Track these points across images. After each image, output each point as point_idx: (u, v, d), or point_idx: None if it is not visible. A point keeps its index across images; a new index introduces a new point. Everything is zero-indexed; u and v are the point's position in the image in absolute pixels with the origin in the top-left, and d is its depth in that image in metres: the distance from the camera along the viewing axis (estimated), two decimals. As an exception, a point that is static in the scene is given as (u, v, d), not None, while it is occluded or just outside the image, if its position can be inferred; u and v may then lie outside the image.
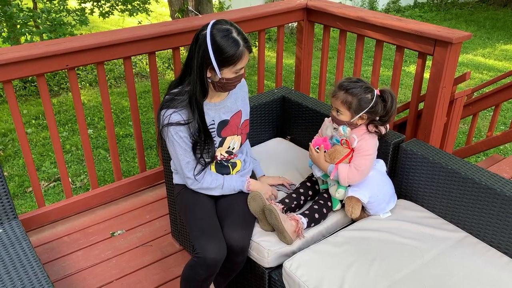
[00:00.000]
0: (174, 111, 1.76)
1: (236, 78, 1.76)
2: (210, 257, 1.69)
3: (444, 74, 2.36)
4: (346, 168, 1.86)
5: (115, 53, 2.39)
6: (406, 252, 1.76)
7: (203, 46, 1.66)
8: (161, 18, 9.55)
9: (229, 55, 1.65)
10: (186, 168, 1.85)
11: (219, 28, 1.66)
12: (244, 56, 1.69)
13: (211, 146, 1.83)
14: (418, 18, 9.64)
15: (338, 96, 1.86)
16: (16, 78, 2.18)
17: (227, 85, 1.77)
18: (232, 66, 1.69)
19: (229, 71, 1.71)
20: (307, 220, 1.84)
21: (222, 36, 1.65)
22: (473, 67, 7.18)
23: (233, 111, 1.92)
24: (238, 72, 1.73)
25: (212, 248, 1.70)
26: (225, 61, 1.67)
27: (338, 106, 1.87)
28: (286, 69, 6.76)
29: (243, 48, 1.67)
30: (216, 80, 1.74)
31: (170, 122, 1.76)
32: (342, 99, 1.85)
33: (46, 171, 4.37)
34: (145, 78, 6.58)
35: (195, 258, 1.74)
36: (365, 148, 1.89)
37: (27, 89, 5.90)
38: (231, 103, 1.91)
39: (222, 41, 1.64)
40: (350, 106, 1.85)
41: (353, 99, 1.84)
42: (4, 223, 1.92)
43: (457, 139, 4.95)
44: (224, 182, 1.91)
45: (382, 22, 2.57)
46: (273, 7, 2.94)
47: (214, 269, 1.75)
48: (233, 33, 1.66)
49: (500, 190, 1.77)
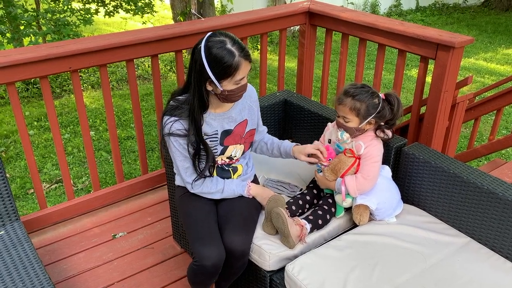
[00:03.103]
0: (176, 120, 1.76)
1: (239, 89, 1.73)
2: (207, 264, 1.70)
3: (446, 78, 2.36)
4: (354, 180, 1.85)
5: (118, 56, 2.40)
6: (409, 257, 1.76)
7: (199, 61, 1.65)
8: (163, 21, 9.57)
9: (225, 66, 1.63)
10: (185, 173, 1.86)
11: (213, 40, 1.64)
12: (241, 66, 1.65)
13: (209, 157, 1.83)
14: (420, 22, 9.64)
15: (346, 103, 1.84)
16: (19, 80, 2.19)
17: (230, 97, 1.75)
18: (231, 77, 1.66)
19: (228, 83, 1.68)
20: (311, 226, 1.84)
21: (217, 49, 1.61)
22: (475, 71, 7.18)
23: (237, 121, 1.90)
24: (238, 83, 1.70)
25: (209, 255, 1.70)
26: (223, 73, 1.65)
27: (346, 113, 1.85)
28: (288, 72, 6.76)
29: (239, 58, 1.63)
30: (219, 92, 1.73)
31: (171, 132, 1.77)
32: (350, 106, 1.83)
33: (48, 173, 4.37)
34: (147, 80, 6.59)
35: (194, 265, 1.75)
36: (372, 155, 1.88)
37: (29, 91, 5.91)
38: (236, 113, 1.89)
39: (217, 54, 1.61)
40: (358, 112, 1.83)
41: (361, 105, 1.82)
42: (6, 225, 1.93)
43: (459, 143, 4.95)
44: (224, 186, 1.91)
45: (384, 26, 2.57)
46: (276, 10, 2.95)
47: (214, 274, 1.76)
48: (227, 45, 1.62)
49: (502, 195, 1.77)
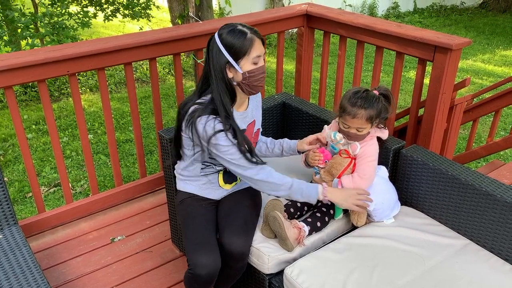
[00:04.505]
0: (213, 117, 1.72)
1: (258, 70, 1.74)
2: (201, 273, 1.69)
3: (444, 80, 2.37)
4: (350, 179, 1.85)
5: (116, 59, 2.40)
6: (408, 259, 1.76)
7: (215, 47, 1.72)
8: (161, 24, 9.58)
9: (239, 44, 1.70)
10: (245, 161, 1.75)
11: (225, 27, 1.75)
12: (255, 42, 1.72)
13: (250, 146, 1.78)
14: (418, 24, 9.67)
15: (361, 115, 1.79)
16: (17, 84, 2.19)
17: (252, 81, 1.74)
18: (247, 55, 1.71)
19: (246, 62, 1.72)
20: (309, 228, 1.84)
21: (229, 31, 1.72)
22: (473, 73, 7.20)
23: (249, 120, 1.93)
24: (256, 62, 1.74)
25: (203, 264, 1.69)
26: (238, 52, 1.70)
27: (362, 124, 1.81)
28: (286, 75, 6.77)
29: (251, 35, 1.72)
30: (240, 79, 1.74)
31: (216, 130, 1.70)
32: (366, 117, 1.79)
33: (46, 177, 4.36)
34: (146, 83, 6.59)
35: (188, 273, 1.74)
36: (368, 154, 1.87)
37: (27, 94, 5.91)
38: (251, 112, 1.94)
39: (229, 35, 1.71)
40: (371, 120, 1.82)
41: (374, 112, 1.81)
42: (4, 229, 1.92)
43: (457, 145, 4.96)
44: (293, 182, 1.78)
45: (382, 29, 2.58)
46: (274, 13, 2.96)
47: (208, 283, 1.74)
48: (238, 26, 1.74)
49: (500, 196, 1.77)
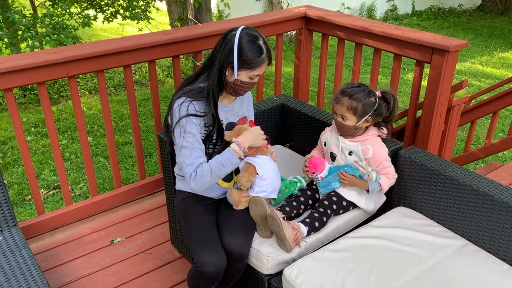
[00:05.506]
0: (191, 100, 1.79)
1: (249, 84, 1.82)
2: (208, 271, 1.71)
3: (441, 82, 2.38)
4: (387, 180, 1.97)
5: (115, 61, 2.41)
6: (406, 260, 1.77)
7: (230, 44, 1.74)
8: (160, 27, 9.59)
9: (250, 58, 1.73)
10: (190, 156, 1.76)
11: (249, 32, 1.76)
12: (263, 64, 1.77)
13: (221, 141, 1.86)
14: (416, 26, 9.69)
15: (343, 102, 1.88)
16: (17, 86, 2.20)
17: (239, 89, 1.82)
18: (250, 70, 1.76)
19: (245, 74, 1.77)
20: (308, 229, 1.85)
21: (249, 40, 1.73)
22: (471, 75, 7.22)
23: (239, 115, 1.97)
24: (253, 78, 1.79)
25: (210, 262, 1.71)
26: (245, 64, 1.74)
27: (344, 112, 1.89)
28: (284, 77, 6.79)
29: (265, 57, 1.76)
30: (231, 80, 1.79)
31: (189, 112, 1.77)
32: (347, 105, 1.87)
33: (45, 179, 4.37)
34: (145, 86, 6.60)
35: (194, 270, 1.75)
36: (385, 158, 1.96)
37: (26, 97, 5.91)
38: (238, 107, 1.97)
39: (248, 44, 1.73)
40: (355, 111, 1.87)
41: (358, 104, 1.86)
42: (4, 231, 1.93)
43: (455, 146, 4.97)
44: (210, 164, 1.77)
45: (380, 31, 2.59)
46: (272, 15, 2.97)
47: (214, 281, 1.76)
48: (260, 41, 1.75)
49: (497, 197, 1.78)
